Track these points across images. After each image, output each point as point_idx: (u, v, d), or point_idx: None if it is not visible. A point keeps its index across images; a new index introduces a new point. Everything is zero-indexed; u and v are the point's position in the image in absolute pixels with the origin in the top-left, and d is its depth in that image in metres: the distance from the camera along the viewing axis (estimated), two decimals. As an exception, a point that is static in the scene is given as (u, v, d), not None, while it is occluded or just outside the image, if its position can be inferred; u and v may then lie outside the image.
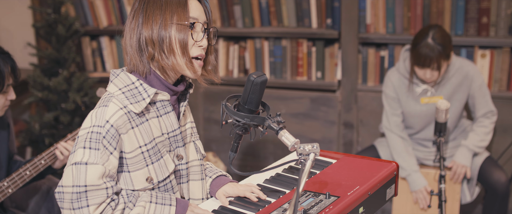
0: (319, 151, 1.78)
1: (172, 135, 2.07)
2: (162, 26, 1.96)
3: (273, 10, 4.19)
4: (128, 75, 2.00)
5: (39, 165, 2.87)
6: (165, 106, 2.04)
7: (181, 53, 1.97)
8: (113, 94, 1.97)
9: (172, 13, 1.96)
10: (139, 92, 1.97)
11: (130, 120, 1.95)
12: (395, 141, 3.62)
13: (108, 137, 1.90)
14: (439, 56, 3.34)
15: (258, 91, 1.86)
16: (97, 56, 4.61)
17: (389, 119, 3.64)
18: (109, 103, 1.94)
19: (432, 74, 3.41)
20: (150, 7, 1.98)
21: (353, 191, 2.00)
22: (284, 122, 1.88)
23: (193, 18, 1.99)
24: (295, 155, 2.41)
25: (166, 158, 2.05)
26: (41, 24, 4.18)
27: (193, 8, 2.00)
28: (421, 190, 3.53)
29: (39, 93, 4.08)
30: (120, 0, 4.42)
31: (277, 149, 4.39)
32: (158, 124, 2.03)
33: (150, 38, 1.96)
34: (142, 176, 2.00)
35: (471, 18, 3.87)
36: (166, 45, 1.96)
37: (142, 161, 1.99)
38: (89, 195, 1.89)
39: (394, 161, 2.24)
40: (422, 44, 3.36)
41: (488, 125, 3.56)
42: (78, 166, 1.89)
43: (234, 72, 4.37)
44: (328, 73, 4.20)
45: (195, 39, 1.99)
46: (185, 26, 1.96)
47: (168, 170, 2.05)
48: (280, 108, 4.30)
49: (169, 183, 2.07)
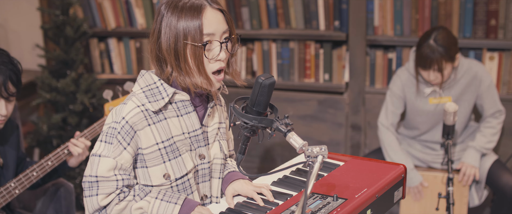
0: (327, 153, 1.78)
1: (193, 134, 2.13)
2: (177, 45, 2.00)
3: (281, 12, 4.19)
4: (152, 76, 2.09)
5: (46, 166, 2.87)
6: (186, 106, 2.10)
7: (198, 71, 2.02)
8: (134, 93, 2.08)
9: (185, 32, 1.99)
10: (159, 92, 2.06)
11: (147, 117, 2.04)
12: (391, 138, 3.63)
13: (122, 132, 2.02)
14: (440, 57, 3.33)
15: (266, 93, 1.87)
16: (105, 58, 4.62)
17: (388, 116, 3.65)
18: (128, 101, 2.06)
19: (435, 76, 3.41)
20: (166, 25, 2.01)
21: (361, 194, 2.00)
22: (292, 124, 1.88)
23: (208, 35, 2.00)
24: (302, 157, 2.40)
25: (184, 156, 2.11)
26: (49, 25, 4.20)
27: (209, 22, 2.00)
28: (417, 186, 3.55)
29: (47, 95, 4.10)
30: (128, 2, 4.43)
31: (284, 151, 4.39)
32: (178, 123, 2.10)
33: (167, 55, 2.02)
34: (159, 172, 2.08)
35: (479, 21, 3.86)
36: (183, 64, 2.01)
37: (159, 157, 2.07)
38: (100, 185, 2.03)
39: (401, 164, 2.23)
40: (424, 45, 3.37)
41: (496, 125, 3.55)
42: (93, 157, 2.05)
43: (242, 74, 4.37)
44: (335, 75, 4.19)
45: (209, 57, 2.02)
46: (199, 47, 1.99)
47: (186, 168, 2.11)
48: (288, 110, 4.30)
49: (187, 181, 2.13)
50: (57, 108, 4.23)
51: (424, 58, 3.36)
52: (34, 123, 4.30)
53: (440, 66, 3.35)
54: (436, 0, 3.88)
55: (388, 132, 3.64)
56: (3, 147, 2.84)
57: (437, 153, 3.64)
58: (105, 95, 3.04)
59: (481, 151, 3.51)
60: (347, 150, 4.27)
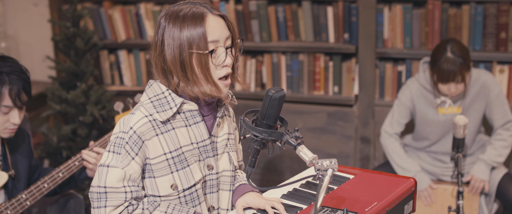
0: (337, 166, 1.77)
1: (201, 144, 2.12)
2: (182, 55, 2.00)
3: (290, 24, 4.20)
4: (160, 86, 2.08)
5: (57, 178, 2.88)
6: (194, 116, 2.10)
7: (205, 79, 2.02)
8: (142, 103, 2.07)
9: (190, 42, 1.99)
10: (167, 102, 2.05)
11: (155, 128, 2.04)
12: (395, 145, 3.63)
13: (130, 142, 2.01)
14: (462, 68, 3.33)
15: (276, 106, 1.87)
16: (115, 70, 4.64)
17: (393, 125, 3.64)
18: (136, 111, 2.06)
19: (456, 88, 3.40)
20: (167, 34, 2.01)
21: (371, 207, 1.99)
22: (302, 137, 1.88)
23: (213, 42, 2.01)
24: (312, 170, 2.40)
25: (193, 167, 2.10)
26: (60, 37, 4.22)
27: (212, 28, 2.01)
28: (426, 188, 3.54)
29: (57, 106, 4.11)
30: (139, 14, 4.45)
31: (293, 163, 4.39)
32: (186, 133, 2.09)
33: (173, 66, 2.02)
34: (167, 183, 2.07)
35: (489, 34, 3.86)
36: (189, 74, 2.01)
37: (166, 168, 2.06)
38: (109, 196, 2.02)
39: (412, 177, 2.23)
40: (442, 60, 3.35)
41: (507, 138, 3.53)
42: (102, 167, 2.04)
43: (251, 87, 4.37)
44: (345, 88, 4.19)
45: (216, 64, 2.02)
46: (205, 55, 2.00)
47: (194, 179, 2.10)
48: (297, 122, 4.30)
49: (195, 191, 2.12)
50: (67, 119, 4.24)
51: (446, 72, 3.34)
52: (44, 134, 4.32)
53: (463, 77, 3.35)
54: (446, 13, 3.88)
55: (392, 139, 3.64)
56: (15, 157, 2.85)
57: (446, 166, 3.63)
58: (116, 107, 3.05)
59: (491, 164, 3.50)
60: (357, 163, 4.26)
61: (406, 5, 3.97)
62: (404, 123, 3.65)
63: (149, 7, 4.43)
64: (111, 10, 4.49)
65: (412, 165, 3.57)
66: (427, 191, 3.57)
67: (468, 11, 3.85)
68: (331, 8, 4.08)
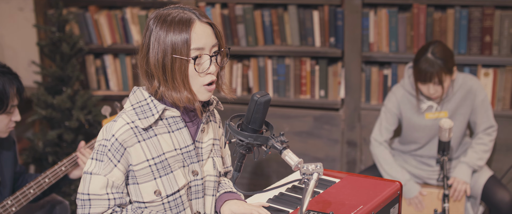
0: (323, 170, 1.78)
1: (185, 150, 2.12)
2: (165, 59, 2.00)
3: (276, 28, 4.21)
4: (143, 92, 2.09)
5: (43, 183, 2.87)
6: (177, 122, 2.10)
7: (183, 86, 2.02)
8: (125, 110, 2.08)
9: (174, 47, 1.99)
10: (149, 109, 2.06)
11: (137, 134, 2.04)
12: (385, 153, 3.64)
13: (112, 150, 2.02)
14: (440, 70, 3.34)
15: (262, 111, 1.87)
16: (101, 75, 4.63)
17: (382, 132, 3.65)
18: (118, 118, 2.06)
19: (435, 90, 3.41)
20: (155, 40, 2.01)
21: (357, 211, 2.00)
22: (288, 142, 1.89)
23: (198, 49, 2.01)
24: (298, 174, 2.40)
25: (176, 173, 2.10)
26: (45, 42, 4.20)
27: (198, 35, 2.01)
28: (417, 196, 3.55)
29: (43, 111, 4.09)
30: (124, 19, 4.44)
31: (280, 167, 4.39)
32: (169, 139, 2.09)
33: (155, 70, 2.02)
34: (150, 189, 2.07)
35: (474, 37, 3.88)
36: (169, 79, 2.01)
37: (149, 174, 2.06)
38: (92, 203, 2.03)
39: (397, 180, 2.23)
40: (422, 60, 3.38)
41: (487, 142, 3.55)
42: (85, 175, 2.05)
43: (238, 91, 4.37)
44: (331, 91, 4.20)
45: (199, 71, 2.02)
46: (186, 61, 2.00)
47: (178, 185, 2.10)
48: (283, 126, 4.31)
49: (179, 197, 2.11)
50: (53, 124, 4.22)
51: (423, 72, 3.37)
52: (29, 139, 4.30)
53: (440, 79, 3.36)
54: (431, 17, 3.90)
55: (381, 147, 3.65)
56: (0, 164, 2.84)
57: (432, 169, 3.65)
58: (104, 112, 3.04)
59: (473, 167, 3.52)
60: (343, 166, 4.27)
61: (392, 9, 3.99)
62: (392, 129, 3.66)
63: (135, 12, 4.42)
64: (97, 15, 4.48)
65: (402, 173, 3.58)
66: (418, 198, 3.58)
67: (453, 15, 3.87)
68: (317, 12, 4.09)
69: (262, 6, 4.26)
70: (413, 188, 3.56)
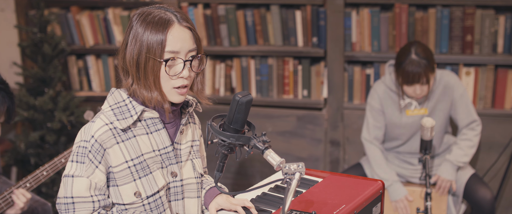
0: (305, 170, 1.78)
1: (163, 152, 2.12)
2: (140, 58, 2.00)
3: (259, 28, 4.21)
4: (121, 94, 2.09)
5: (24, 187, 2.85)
6: (155, 123, 2.10)
7: (154, 86, 2.02)
8: (103, 111, 2.07)
9: (148, 46, 1.99)
10: (128, 110, 2.05)
11: (115, 135, 2.03)
12: (375, 152, 3.64)
13: (93, 151, 2.00)
14: (426, 69, 3.36)
15: (244, 111, 1.87)
16: (84, 75, 4.61)
17: (370, 131, 3.66)
18: (96, 119, 2.05)
19: (421, 90, 3.43)
20: (133, 37, 2.02)
21: (339, 210, 2.00)
22: (270, 141, 1.89)
23: (171, 53, 2.00)
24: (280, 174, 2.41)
25: (155, 174, 2.10)
26: (27, 43, 4.18)
27: (175, 39, 2.00)
28: (402, 199, 3.56)
29: (25, 113, 4.07)
30: (107, 19, 4.43)
31: (264, 167, 4.39)
32: (148, 140, 2.09)
33: (130, 66, 2.03)
34: (130, 190, 2.06)
35: (456, 37, 3.91)
36: (142, 77, 2.01)
37: (129, 176, 2.05)
38: (77, 206, 2.00)
39: (380, 180, 2.24)
40: (407, 62, 3.38)
41: (472, 137, 3.56)
42: (66, 178, 2.01)
43: (221, 91, 4.37)
44: (314, 91, 4.21)
45: (170, 74, 2.01)
46: (159, 62, 1.99)
47: (157, 185, 2.09)
48: (267, 126, 4.31)
49: (159, 199, 2.11)
50: (35, 126, 4.20)
51: (411, 74, 3.37)
52: (11, 141, 4.27)
53: (428, 78, 3.38)
54: (412, 16, 3.92)
55: (372, 146, 3.65)
56: None
57: (414, 168, 3.66)
58: (86, 116, 3.03)
59: (458, 164, 3.53)
60: (326, 166, 4.28)
61: (374, 8, 4.00)
62: (380, 125, 3.65)
63: (117, 12, 4.40)
64: (79, 16, 4.46)
65: (390, 174, 3.59)
66: (403, 202, 3.57)
67: (434, 14, 3.89)
68: (299, 12, 4.10)
69: (244, 6, 4.26)
70: (400, 189, 3.57)
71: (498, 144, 3.92)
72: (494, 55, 3.87)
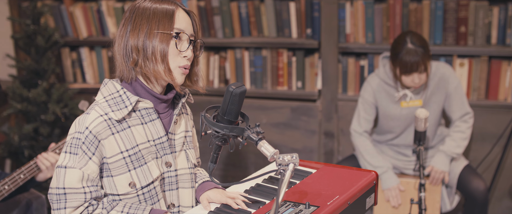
0: (299, 161, 1.78)
1: (158, 142, 2.13)
2: (147, 35, 2.03)
3: (253, 20, 4.20)
4: (115, 84, 2.10)
5: (18, 179, 2.84)
6: (150, 114, 2.11)
7: (161, 61, 2.03)
8: (97, 102, 2.07)
9: (157, 22, 2.03)
10: (122, 100, 2.06)
11: (111, 126, 2.04)
12: (365, 143, 3.65)
13: (86, 142, 2.00)
14: (424, 57, 3.36)
15: (237, 102, 1.87)
16: (77, 67, 4.60)
17: (361, 123, 3.66)
18: (91, 111, 2.05)
19: (420, 78, 3.43)
20: (138, 17, 2.05)
21: (333, 201, 2.00)
22: (263, 133, 1.89)
23: (179, 29, 2.06)
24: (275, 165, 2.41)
25: (150, 164, 2.11)
26: (20, 35, 4.16)
27: (180, 19, 2.06)
28: (394, 188, 3.56)
29: (18, 105, 4.06)
30: (100, 11, 4.41)
31: (258, 158, 4.40)
32: (142, 131, 2.10)
33: (135, 46, 2.04)
34: (125, 181, 2.07)
35: (450, 28, 3.91)
36: (149, 53, 2.03)
37: (124, 166, 2.06)
38: (68, 197, 2.01)
39: (373, 170, 2.25)
40: (404, 52, 3.38)
41: (465, 129, 3.57)
42: (59, 169, 2.02)
43: (215, 83, 4.37)
44: (308, 83, 4.21)
45: (180, 49, 2.05)
46: (168, 35, 2.03)
47: (152, 176, 2.11)
48: (261, 118, 4.31)
49: (153, 189, 2.12)
50: (29, 118, 4.19)
51: (409, 63, 3.37)
52: (5, 133, 4.26)
53: (426, 66, 3.38)
54: (406, 8, 3.92)
55: (362, 137, 3.66)
56: None
57: (408, 159, 3.67)
58: (81, 106, 3.02)
59: (451, 155, 3.54)
60: (321, 157, 4.28)
61: (368, 0, 4.00)
62: (371, 119, 3.67)
63: (111, 4, 4.39)
64: (72, 7, 4.44)
65: (384, 162, 3.60)
66: (395, 190, 3.58)
67: (428, 5, 3.89)
68: (293, 3, 4.09)
69: (238, -2, 4.26)
70: (392, 178, 3.58)
71: (491, 135, 3.94)
72: (487, 47, 3.87)
